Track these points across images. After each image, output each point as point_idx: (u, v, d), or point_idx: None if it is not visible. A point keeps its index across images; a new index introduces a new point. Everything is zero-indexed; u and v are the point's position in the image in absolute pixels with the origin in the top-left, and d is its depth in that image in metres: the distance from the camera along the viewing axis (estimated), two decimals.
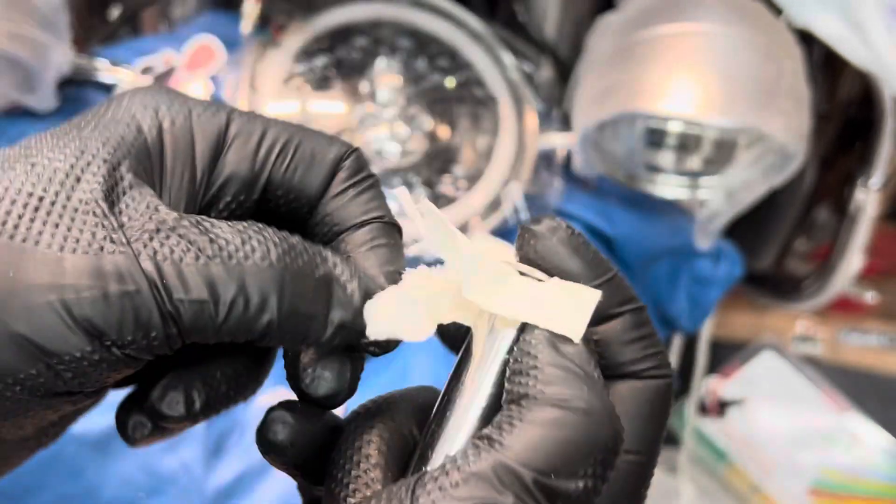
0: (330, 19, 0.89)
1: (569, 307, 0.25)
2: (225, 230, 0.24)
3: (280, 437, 0.26)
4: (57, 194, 0.23)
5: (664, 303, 0.94)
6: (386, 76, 0.87)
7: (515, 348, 0.25)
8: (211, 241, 0.23)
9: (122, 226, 0.23)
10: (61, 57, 0.81)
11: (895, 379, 1.43)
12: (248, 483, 0.70)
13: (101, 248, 0.22)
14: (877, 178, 1.05)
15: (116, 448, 0.69)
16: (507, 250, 0.28)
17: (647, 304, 0.93)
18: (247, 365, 0.29)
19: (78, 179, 0.24)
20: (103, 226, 0.23)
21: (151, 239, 0.23)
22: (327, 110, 0.86)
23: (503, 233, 0.85)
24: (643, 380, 0.26)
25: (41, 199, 0.23)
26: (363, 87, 0.87)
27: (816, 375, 1.39)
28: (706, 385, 1.38)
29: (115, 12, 1.04)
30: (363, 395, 0.28)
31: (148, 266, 0.22)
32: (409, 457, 0.26)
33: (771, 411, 1.36)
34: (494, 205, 0.84)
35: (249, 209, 0.28)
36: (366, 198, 0.29)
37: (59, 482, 0.69)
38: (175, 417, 0.26)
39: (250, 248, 0.24)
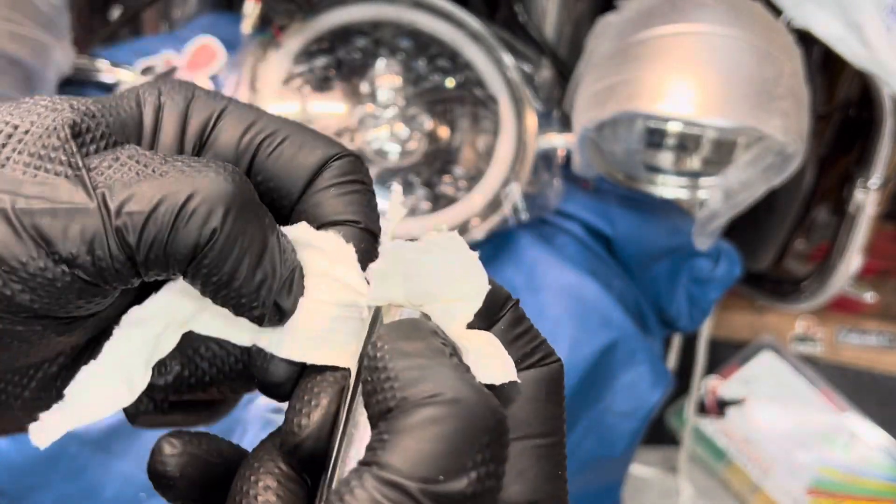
0: (330, 20, 0.89)
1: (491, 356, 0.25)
2: (181, 157, 0.25)
3: (168, 467, 0.26)
4: (32, 124, 0.24)
5: (663, 303, 0.95)
6: (386, 77, 0.87)
7: (363, 370, 0.24)
8: (165, 160, 0.24)
9: (86, 167, 0.24)
10: (62, 57, 0.81)
11: (893, 378, 1.43)
12: None
13: (59, 174, 0.23)
14: (875, 179, 1.05)
15: (118, 447, 0.69)
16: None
17: (647, 304, 0.93)
18: (229, 351, 0.29)
19: (56, 111, 0.24)
20: (70, 164, 0.24)
21: (109, 167, 0.24)
22: (327, 111, 0.86)
23: (503, 233, 0.85)
24: (536, 368, 0.26)
25: (16, 127, 0.24)
26: (363, 87, 0.87)
27: (815, 375, 1.39)
28: (705, 385, 1.39)
29: (115, 13, 1.04)
30: None
31: (100, 186, 0.23)
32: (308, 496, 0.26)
33: (770, 411, 1.36)
34: (494, 205, 0.84)
35: None
36: (348, 200, 0.28)
37: (60, 481, 0.69)
38: (156, 386, 0.27)
39: (206, 167, 0.24)
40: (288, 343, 0.26)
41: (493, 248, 0.85)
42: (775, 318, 1.46)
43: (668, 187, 0.90)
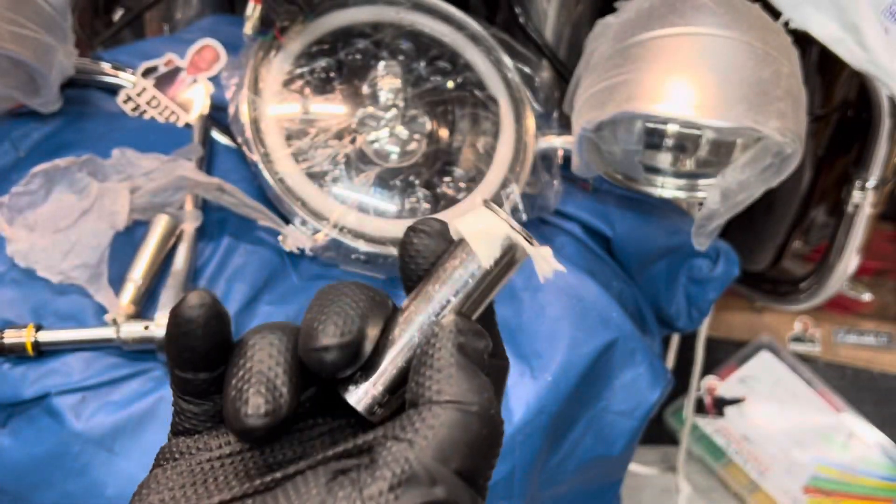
0: (331, 21, 0.89)
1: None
2: None
3: (195, 313, 0.28)
4: None
5: (662, 303, 0.95)
6: (386, 78, 0.88)
7: (420, 335, 0.31)
8: None
9: None
10: (65, 59, 0.81)
11: (890, 378, 1.43)
12: None
13: None
14: (873, 179, 1.05)
15: (120, 446, 0.70)
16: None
17: (646, 304, 0.94)
18: None
19: None
20: None
21: None
22: (328, 112, 0.87)
23: None
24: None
25: None
26: (364, 88, 0.88)
27: (813, 375, 1.40)
28: (704, 385, 1.39)
29: (118, 15, 1.05)
30: None
31: None
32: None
33: (768, 410, 1.37)
34: None
35: None
36: None
37: (63, 480, 0.69)
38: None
39: None
40: None
41: None
42: (773, 318, 1.47)
43: (667, 188, 0.91)
